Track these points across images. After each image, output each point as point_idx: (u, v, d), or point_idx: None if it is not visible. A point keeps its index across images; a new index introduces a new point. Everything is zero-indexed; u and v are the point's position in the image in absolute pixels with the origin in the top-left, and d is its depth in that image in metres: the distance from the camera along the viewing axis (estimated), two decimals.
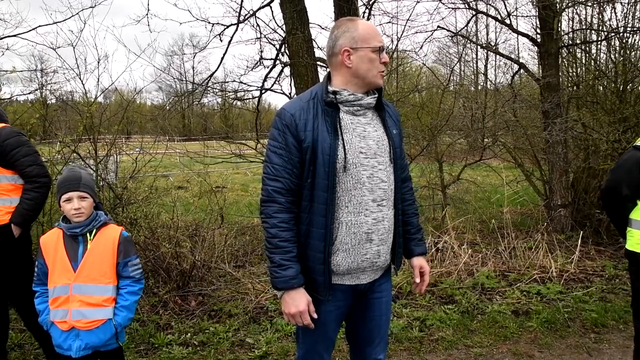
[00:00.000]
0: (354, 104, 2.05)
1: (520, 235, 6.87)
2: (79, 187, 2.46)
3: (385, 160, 2.09)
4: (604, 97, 8.25)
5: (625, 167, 2.65)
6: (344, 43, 2.03)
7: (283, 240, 1.96)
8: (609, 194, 2.74)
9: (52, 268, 2.48)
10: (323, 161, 1.96)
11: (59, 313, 2.44)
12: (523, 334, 4.10)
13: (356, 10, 6.72)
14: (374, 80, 2.07)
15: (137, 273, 2.54)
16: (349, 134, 2.02)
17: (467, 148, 8.88)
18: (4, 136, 3.04)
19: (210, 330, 4.07)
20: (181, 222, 5.74)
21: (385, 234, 2.10)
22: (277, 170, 1.98)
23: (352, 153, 2.00)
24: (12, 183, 3.09)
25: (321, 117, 2.00)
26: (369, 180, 2.04)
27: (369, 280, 2.14)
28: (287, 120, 1.99)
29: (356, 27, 2.04)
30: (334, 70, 2.10)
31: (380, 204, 2.07)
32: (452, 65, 19.66)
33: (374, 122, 2.11)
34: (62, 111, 7.01)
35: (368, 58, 2.02)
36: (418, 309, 4.52)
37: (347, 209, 2.01)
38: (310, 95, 2.07)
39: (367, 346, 2.27)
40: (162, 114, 10.12)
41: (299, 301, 1.97)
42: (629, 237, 2.70)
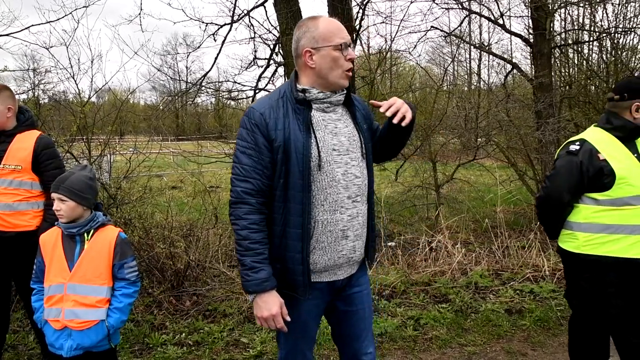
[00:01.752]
0: (324, 101, 2.03)
1: (514, 235, 6.91)
2: (58, 189, 2.45)
3: (357, 156, 2.08)
4: (595, 97, 8.34)
5: (565, 173, 2.67)
6: (305, 44, 2.00)
7: (254, 242, 1.93)
8: (550, 202, 2.76)
9: (49, 266, 2.48)
10: (297, 160, 1.93)
11: (53, 312, 2.44)
12: (516, 332, 4.13)
13: (350, 11, 6.74)
14: (338, 82, 2.02)
15: (132, 275, 2.53)
16: (321, 132, 2.00)
17: (461, 148, 8.91)
18: (43, 145, 3.13)
19: (205, 330, 4.07)
20: (175, 222, 5.74)
21: (360, 230, 2.10)
22: (247, 171, 1.95)
23: (326, 151, 1.98)
24: (41, 190, 3.18)
25: (292, 116, 1.97)
26: (344, 177, 2.02)
27: (345, 275, 2.13)
28: (257, 119, 1.95)
29: (317, 25, 1.99)
30: (300, 71, 2.07)
31: (355, 200, 2.06)
32: (446, 65, 19.74)
33: (344, 118, 2.09)
34: (55, 111, 6.97)
35: (331, 57, 1.97)
36: (412, 308, 4.53)
37: (322, 207, 1.99)
38: (279, 94, 2.03)
39: (355, 342, 2.25)
40: (155, 113, 10.10)
41: (271, 304, 1.94)
42: (571, 239, 2.73)
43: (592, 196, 2.63)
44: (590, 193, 2.63)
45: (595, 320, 2.77)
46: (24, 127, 3.19)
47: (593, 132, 2.74)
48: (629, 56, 8.29)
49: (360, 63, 9.64)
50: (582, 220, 2.68)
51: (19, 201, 3.08)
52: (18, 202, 3.08)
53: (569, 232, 2.74)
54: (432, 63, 23.51)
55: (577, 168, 2.62)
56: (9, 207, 3.07)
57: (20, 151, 3.09)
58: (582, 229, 2.68)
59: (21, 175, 3.08)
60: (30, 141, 3.12)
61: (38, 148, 3.10)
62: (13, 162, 3.07)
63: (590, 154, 2.61)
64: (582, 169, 2.60)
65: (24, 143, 3.11)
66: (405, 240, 6.54)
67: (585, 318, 2.83)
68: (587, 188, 2.63)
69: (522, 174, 8.29)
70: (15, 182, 3.07)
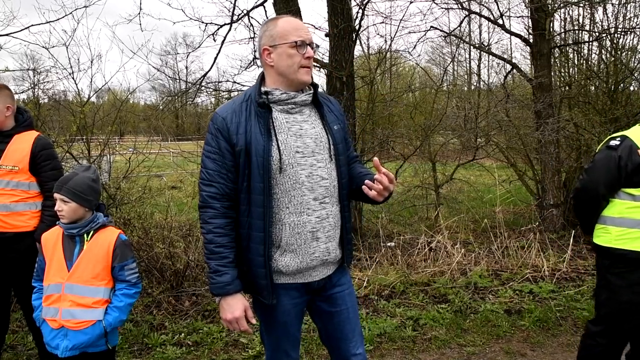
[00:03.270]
0: (288, 102, 2.02)
1: (513, 235, 6.91)
2: (61, 190, 2.46)
3: (324, 157, 2.06)
4: (595, 97, 8.33)
5: (602, 166, 2.71)
6: (264, 42, 2.02)
7: (219, 246, 1.95)
8: (586, 194, 2.79)
9: (49, 265, 2.49)
10: (257, 164, 1.94)
11: (50, 311, 2.45)
12: (515, 332, 4.13)
13: (349, 11, 6.73)
14: (297, 77, 2.01)
15: (133, 277, 2.53)
16: (284, 134, 1.99)
17: (460, 148, 8.92)
18: (40, 146, 3.14)
19: (204, 330, 4.07)
20: (175, 222, 5.74)
21: (332, 231, 2.08)
22: (212, 176, 1.97)
23: (288, 153, 1.97)
24: (38, 191, 3.18)
25: (254, 119, 1.97)
26: (309, 179, 2.01)
27: (321, 276, 2.10)
28: (219, 124, 1.97)
29: (275, 24, 2.02)
30: (265, 71, 2.09)
31: (323, 202, 2.04)
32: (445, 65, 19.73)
33: (311, 119, 2.08)
34: (55, 111, 6.97)
35: (287, 54, 1.98)
36: (411, 308, 4.54)
37: (288, 209, 1.99)
38: (244, 97, 2.04)
39: (343, 343, 2.21)
40: (155, 114, 10.10)
41: (234, 307, 1.96)
42: (604, 233, 2.77)
43: (629, 192, 2.65)
44: (628, 188, 2.65)
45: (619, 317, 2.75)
46: (23, 127, 3.19)
47: (636, 130, 2.75)
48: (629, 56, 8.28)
49: (360, 63, 9.64)
50: (616, 215, 2.70)
51: (17, 202, 3.08)
52: (15, 203, 3.08)
53: (602, 226, 2.77)
54: (431, 63, 23.56)
55: (614, 163, 2.64)
56: (6, 207, 3.07)
57: (18, 152, 3.09)
58: (615, 224, 2.70)
59: (18, 175, 3.08)
60: (28, 142, 3.12)
61: (36, 149, 3.11)
62: (10, 163, 3.07)
63: (630, 150, 2.62)
64: (620, 163, 2.62)
65: (21, 144, 3.12)
66: (404, 240, 6.53)
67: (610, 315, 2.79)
68: (625, 183, 2.65)
69: (522, 174, 8.29)
70: (13, 183, 3.07)
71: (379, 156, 8.48)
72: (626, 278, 2.66)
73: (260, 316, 2.16)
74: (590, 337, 2.90)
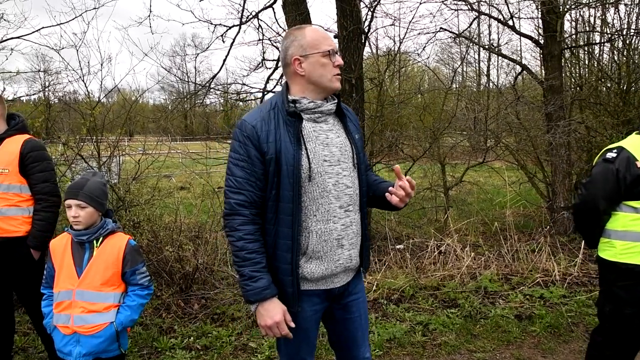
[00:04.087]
0: (315, 111, 2.04)
1: (523, 238, 6.86)
2: (78, 195, 2.46)
3: (349, 166, 2.09)
4: (607, 99, 8.25)
5: (600, 180, 2.65)
6: (294, 52, 2.03)
7: (251, 252, 1.94)
8: (586, 209, 2.74)
9: (59, 272, 2.50)
10: (287, 172, 1.95)
11: (62, 318, 2.46)
12: (526, 338, 4.09)
13: (358, 12, 6.71)
14: (330, 85, 2.05)
15: (145, 280, 2.56)
16: (312, 143, 2.01)
17: (470, 150, 8.87)
18: (29, 148, 3.12)
19: (213, 334, 4.07)
20: (184, 224, 5.74)
21: (355, 238, 2.12)
22: (240, 183, 1.96)
23: (316, 162, 1.99)
24: (31, 194, 3.15)
25: (283, 128, 1.98)
26: (335, 188, 2.03)
27: (342, 283, 2.14)
28: (249, 131, 1.96)
29: (304, 34, 2.04)
30: (290, 80, 2.10)
31: (347, 210, 2.07)
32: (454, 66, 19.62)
33: (335, 128, 2.11)
34: (65, 113, 7.01)
35: (320, 63, 2.01)
36: (421, 313, 4.51)
37: (315, 217, 2.01)
38: (271, 105, 2.04)
39: (353, 348, 2.27)
40: (164, 115, 10.13)
41: (273, 312, 1.94)
42: (609, 247, 2.72)
43: (631, 204, 2.60)
44: (629, 201, 2.61)
45: (625, 330, 2.71)
46: (14, 131, 3.18)
47: (632, 140, 2.70)
48: None
49: (368, 65, 9.61)
50: (619, 228, 2.65)
51: (8, 206, 3.06)
52: (7, 207, 3.06)
53: (607, 240, 2.72)
54: (440, 63, 23.44)
55: (613, 175, 2.59)
56: None
57: (7, 154, 3.08)
58: (619, 237, 2.65)
59: (9, 178, 3.06)
60: (18, 144, 3.11)
61: (24, 150, 3.09)
62: (0, 166, 3.06)
63: (627, 162, 2.57)
64: (618, 176, 2.57)
65: (11, 147, 3.11)
66: (413, 243, 6.50)
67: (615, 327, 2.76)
68: (625, 196, 2.60)
69: (532, 177, 8.22)
70: (4, 186, 3.05)
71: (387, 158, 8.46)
72: (631, 291, 2.62)
73: None
74: (596, 348, 2.86)
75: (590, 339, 2.97)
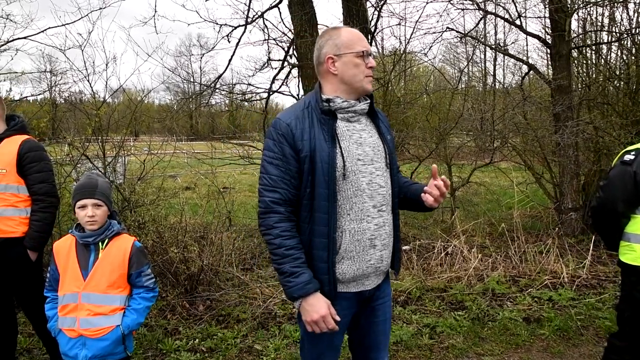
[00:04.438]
0: (348, 110, 2.04)
1: (531, 239, 6.80)
2: (94, 194, 2.45)
3: (382, 165, 2.09)
4: (615, 99, 8.15)
5: (618, 183, 2.62)
6: (328, 51, 2.04)
7: (289, 248, 1.92)
8: (604, 212, 2.71)
9: (63, 275, 2.47)
10: (322, 170, 1.95)
11: (67, 321, 2.43)
12: (535, 342, 4.04)
13: (365, 12, 6.67)
14: (362, 85, 2.05)
15: (150, 282, 2.54)
16: (346, 142, 2.01)
17: (477, 150, 8.80)
18: (27, 147, 3.11)
19: (219, 336, 4.04)
20: (189, 224, 5.72)
21: (387, 239, 2.11)
22: (275, 181, 1.95)
23: (350, 160, 2.00)
24: (28, 195, 3.13)
25: (317, 126, 1.99)
26: (369, 187, 2.03)
27: (373, 285, 2.13)
28: (283, 130, 1.97)
29: (339, 34, 2.05)
30: (322, 79, 2.11)
31: (380, 209, 2.06)
32: (460, 65, 19.55)
33: (368, 128, 2.11)
34: (71, 113, 7.01)
35: (353, 63, 2.02)
36: (428, 315, 4.46)
37: (349, 216, 2.00)
38: (304, 104, 2.05)
39: (373, 352, 2.26)
40: (169, 115, 10.12)
41: (318, 306, 1.92)
42: (629, 251, 2.69)
43: None
44: None
45: None
46: (13, 131, 3.17)
47: None
48: None
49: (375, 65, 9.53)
50: (639, 232, 2.62)
51: (5, 207, 3.04)
52: (4, 208, 3.04)
53: (627, 243, 2.68)
54: (446, 63, 23.35)
55: (630, 178, 2.56)
56: None
57: (5, 155, 3.07)
58: (639, 241, 2.62)
59: (6, 178, 3.04)
60: (16, 144, 3.10)
61: (22, 151, 3.07)
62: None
63: None
64: (636, 179, 2.55)
65: (9, 147, 3.09)
66: (420, 244, 6.45)
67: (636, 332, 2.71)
68: None
69: (539, 177, 8.15)
70: (1, 186, 3.03)
71: None
72: None
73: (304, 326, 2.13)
74: (616, 352, 2.81)
75: (608, 343, 2.92)
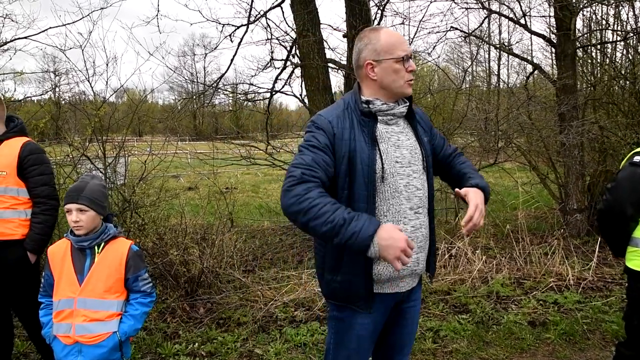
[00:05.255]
0: (387, 113, 2.03)
1: (535, 240, 6.71)
2: (78, 199, 2.38)
3: (419, 168, 2.07)
4: (621, 99, 8.06)
5: (627, 185, 2.55)
6: (367, 56, 2.00)
7: (333, 203, 1.73)
8: (611, 215, 2.63)
9: (58, 280, 2.41)
10: (362, 171, 1.92)
11: (62, 327, 2.37)
12: (540, 346, 3.97)
13: (368, 11, 6.60)
14: (402, 91, 2.03)
15: (148, 287, 2.49)
16: (385, 144, 1.99)
17: (481, 150, 8.71)
18: (27, 151, 3.08)
19: (219, 339, 3.98)
20: (190, 225, 5.66)
21: (424, 241, 2.08)
22: (310, 162, 1.83)
23: (389, 163, 1.98)
24: (28, 198, 3.10)
25: (357, 128, 1.96)
26: (406, 189, 2.01)
27: (407, 287, 2.10)
28: (324, 125, 1.94)
29: (378, 38, 2.00)
30: (361, 81, 2.09)
31: (417, 212, 2.04)
32: (464, 65, 19.46)
33: (406, 130, 2.09)
34: (72, 113, 6.98)
35: (392, 69, 1.99)
36: (431, 319, 4.39)
37: (386, 218, 1.97)
38: (344, 105, 2.03)
39: (397, 354, 2.26)
40: (172, 115, 10.09)
41: (392, 232, 1.68)
42: (636, 257, 2.62)
43: None
44: None
45: None
46: (13, 133, 3.14)
47: None
48: None
49: None
50: None
51: (5, 209, 3.00)
52: (3, 210, 3.00)
53: (635, 249, 2.61)
54: (450, 63, 23.22)
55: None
56: None
57: (6, 157, 3.03)
58: None
59: (6, 181, 3.01)
60: (16, 147, 3.06)
61: (23, 153, 3.05)
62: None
63: None
64: None
65: (10, 149, 3.06)
66: None
67: None
68: None
69: (544, 178, 8.06)
70: (1, 189, 3.00)
71: None
72: None
73: (333, 328, 2.11)
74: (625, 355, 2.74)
75: (616, 351, 2.85)
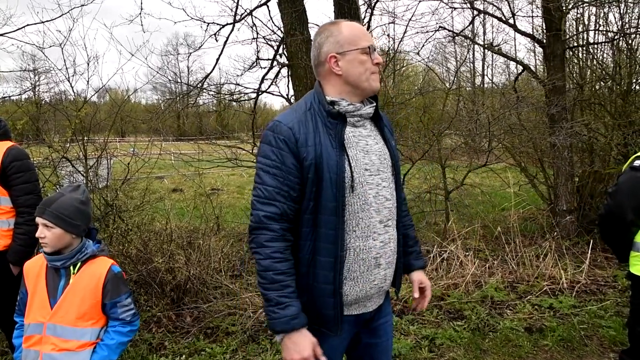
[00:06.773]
0: (354, 114, 1.83)
1: (526, 242, 6.65)
2: (43, 213, 2.13)
3: (388, 176, 1.90)
4: (609, 99, 8.08)
5: (628, 190, 2.49)
6: (330, 49, 1.82)
7: (279, 273, 1.69)
8: (612, 220, 2.57)
9: (30, 301, 2.17)
10: (330, 181, 1.72)
11: (31, 354, 2.13)
12: (538, 353, 3.88)
13: (357, 10, 6.47)
14: (369, 85, 1.84)
15: (128, 315, 2.20)
16: (353, 149, 1.80)
17: (470, 151, 8.66)
18: (12, 156, 2.86)
19: (207, 351, 3.82)
20: (175, 229, 5.47)
21: (392, 257, 1.92)
22: (270, 193, 1.71)
23: (358, 170, 1.78)
24: (11, 207, 2.90)
25: (323, 131, 1.76)
26: (375, 200, 1.83)
27: (374, 307, 1.95)
28: (285, 134, 1.72)
29: (340, 30, 1.83)
30: (323, 80, 1.88)
31: (387, 224, 1.87)
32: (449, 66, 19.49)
33: (373, 134, 1.91)
34: (51, 114, 6.73)
35: (358, 61, 1.81)
36: (426, 326, 4.28)
37: (354, 233, 1.79)
38: (306, 106, 1.82)
39: None
40: (156, 116, 9.85)
41: (301, 345, 1.69)
42: (638, 262, 2.54)
43: None
44: None
45: None
46: None
47: None
48: None
49: None
50: None
51: None
52: None
53: (637, 254, 2.54)
54: (435, 63, 23.25)
55: None
56: None
57: None
58: None
59: None
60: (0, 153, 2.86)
61: (6, 160, 2.83)
62: None
63: None
64: None
65: None
66: None
67: None
68: None
69: (533, 178, 8.03)
70: None
71: None
72: None
73: None
74: None
75: (621, 359, 2.77)
